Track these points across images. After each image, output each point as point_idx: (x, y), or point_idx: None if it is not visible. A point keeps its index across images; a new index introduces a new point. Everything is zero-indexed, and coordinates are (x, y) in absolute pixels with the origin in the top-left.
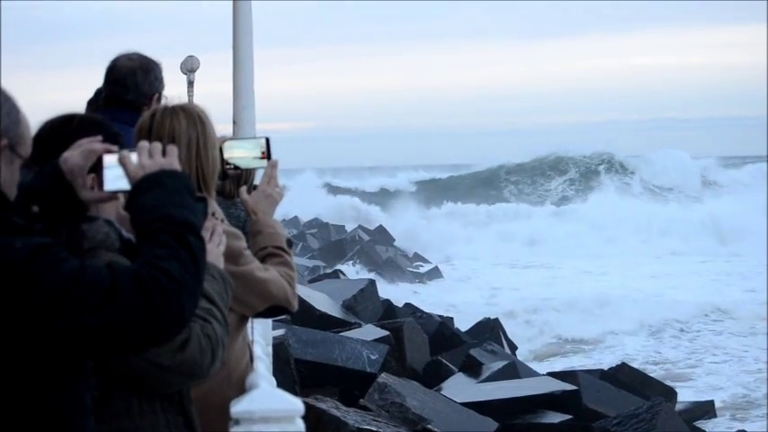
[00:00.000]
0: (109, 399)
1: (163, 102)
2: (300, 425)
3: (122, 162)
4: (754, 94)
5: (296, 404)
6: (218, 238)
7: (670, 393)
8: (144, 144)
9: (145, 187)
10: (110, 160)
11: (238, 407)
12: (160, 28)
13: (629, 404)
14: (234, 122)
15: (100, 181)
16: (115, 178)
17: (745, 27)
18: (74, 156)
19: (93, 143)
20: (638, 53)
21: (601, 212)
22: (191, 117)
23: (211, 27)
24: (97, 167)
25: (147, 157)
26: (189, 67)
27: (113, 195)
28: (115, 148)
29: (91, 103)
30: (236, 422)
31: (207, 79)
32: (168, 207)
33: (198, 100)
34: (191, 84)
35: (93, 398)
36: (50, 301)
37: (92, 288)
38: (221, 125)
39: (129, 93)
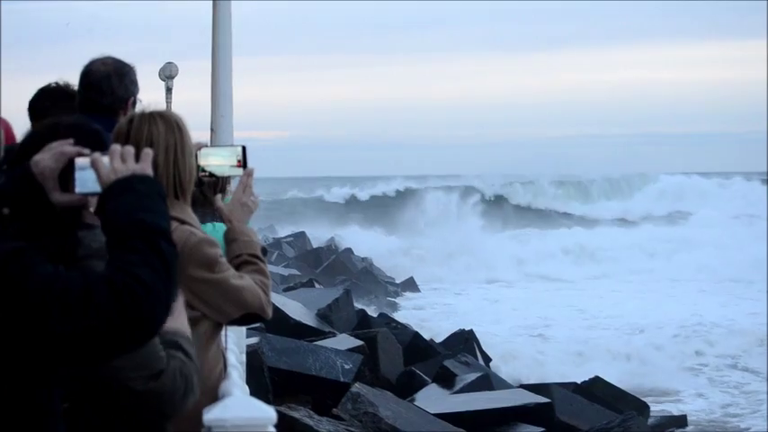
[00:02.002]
0: (80, 410)
1: (138, 105)
2: None
3: (94, 165)
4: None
5: (268, 412)
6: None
7: (642, 407)
8: (116, 147)
9: (116, 191)
10: (82, 163)
11: (211, 414)
12: (141, 35)
13: (601, 418)
14: (212, 130)
15: (71, 184)
16: (87, 181)
17: (726, 42)
18: (45, 158)
19: (65, 146)
20: (616, 68)
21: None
22: (169, 123)
23: (191, 35)
24: (69, 170)
25: (120, 161)
26: (167, 74)
27: (84, 198)
28: (87, 150)
29: (33, 102)
30: (209, 430)
31: (185, 86)
32: (140, 212)
33: (176, 107)
34: (169, 90)
35: (65, 408)
36: (23, 306)
37: (64, 294)
38: (198, 132)
39: (104, 97)
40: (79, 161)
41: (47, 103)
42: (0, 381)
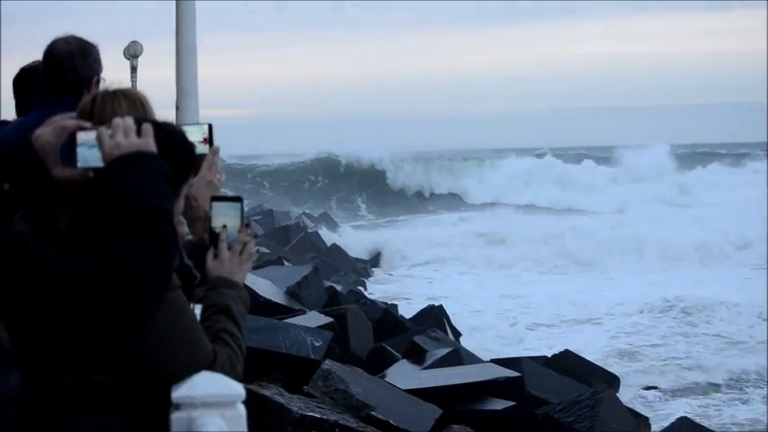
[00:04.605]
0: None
1: (102, 84)
2: (241, 409)
3: (99, 139)
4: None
5: (237, 389)
6: (248, 253)
7: (613, 380)
8: (119, 121)
9: (118, 168)
10: (83, 137)
11: (179, 392)
12: (104, 13)
13: (572, 391)
14: (177, 108)
15: (73, 158)
16: (89, 156)
17: (693, 15)
18: (46, 133)
19: (66, 120)
20: (583, 41)
21: None
22: (132, 101)
23: (155, 13)
24: (70, 144)
25: (123, 135)
26: (132, 53)
27: (86, 173)
28: (88, 124)
29: (16, 81)
30: (177, 407)
31: (150, 65)
32: (141, 192)
33: (141, 86)
34: (134, 69)
35: (85, 390)
36: (13, 290)
37: (55, 280)
38: (165, 111)
39: (67, 76)
40: (81, 135)
41: (28, 82)
42: None
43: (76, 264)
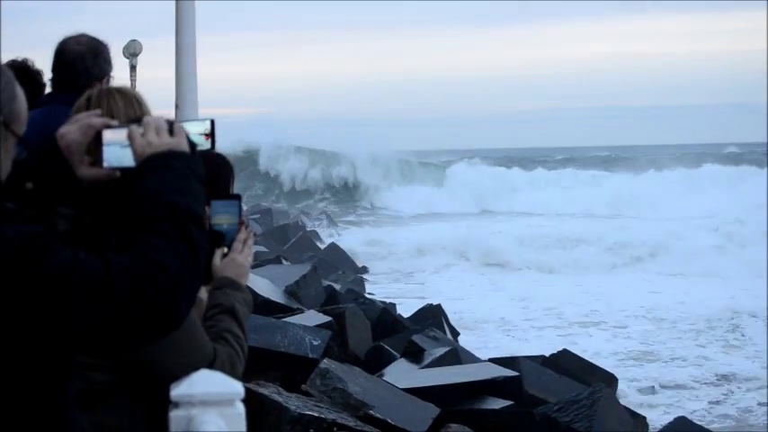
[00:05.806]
0: (111, 395)
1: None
2: (240, 408)
3: (131, 137)
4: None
5: (236, 387)
6: (248, 251)
7: (611, 379)
8: (150, 119)
9: (150, 168)
10: (109, 136)
11: (178, 390)
12: (103, 11)
13: (570, 390)
14: (176, 106)
15: (99, 157)
16: (115, 154)
17: (691, 15)
18: (71, 131)
19: (92, 118)
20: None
21: None
22: (128, 99)
23: (154, 11)
24: (95, 143)
25: (155, 133)
26: (131, 52)
27: (113, 173)
28: (115, 122)
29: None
30: (176, 405)
31: (150, 64)
32: (172, 193)
33: (140, 84)
34: (133, 68)
35: (85, 389)
36: (39, 294)
37: (83, 283)
38: (165, 110)
39: (80, 77)
40: (107, 134)
41: None
42: (11, 369)
43: (105, 266)
